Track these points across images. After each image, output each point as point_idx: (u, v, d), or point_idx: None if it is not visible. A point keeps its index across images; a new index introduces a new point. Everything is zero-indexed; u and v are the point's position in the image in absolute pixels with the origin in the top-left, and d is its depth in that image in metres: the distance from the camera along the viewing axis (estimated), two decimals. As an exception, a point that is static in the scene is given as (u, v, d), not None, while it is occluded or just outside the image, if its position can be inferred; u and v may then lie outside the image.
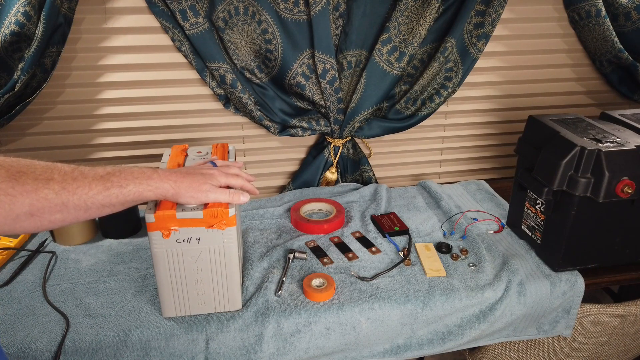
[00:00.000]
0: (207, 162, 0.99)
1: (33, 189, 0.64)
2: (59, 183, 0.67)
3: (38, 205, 0.64)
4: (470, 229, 1.27)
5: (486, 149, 1.70)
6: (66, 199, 0.68)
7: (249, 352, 0.97)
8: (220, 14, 1.28)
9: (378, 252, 1.19)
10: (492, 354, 1.23)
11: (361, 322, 1.01)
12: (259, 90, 1.40)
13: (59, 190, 0.67)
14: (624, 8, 1.44)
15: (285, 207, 1.38)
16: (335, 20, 1.34)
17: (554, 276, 1.11)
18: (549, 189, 1.05)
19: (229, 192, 0.89)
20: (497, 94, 1.61)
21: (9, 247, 1.16)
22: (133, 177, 0.77)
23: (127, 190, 0.76)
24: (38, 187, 0.64)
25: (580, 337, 1.17)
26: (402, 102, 1.47)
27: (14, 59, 1.17)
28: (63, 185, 0.68)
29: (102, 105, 1.39)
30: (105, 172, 0.75)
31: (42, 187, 0.65)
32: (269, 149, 1.55)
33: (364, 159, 1.55)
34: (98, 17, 1.29)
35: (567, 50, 1.58)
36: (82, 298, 1.03)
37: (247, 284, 1.07)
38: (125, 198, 0.76)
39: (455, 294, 1.06)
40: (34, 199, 0.63)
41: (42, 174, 0.66)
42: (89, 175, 0.73)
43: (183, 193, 0.84)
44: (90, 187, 0.71)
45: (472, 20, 1.39)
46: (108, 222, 1.23)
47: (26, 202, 0.63)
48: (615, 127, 1.14)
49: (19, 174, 0.63)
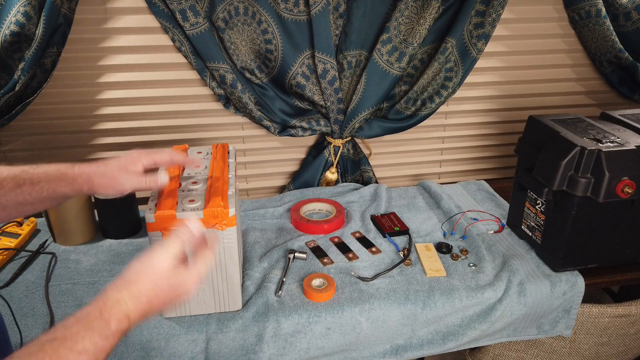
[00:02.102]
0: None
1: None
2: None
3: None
4: (470, 229, 1.27)
5: (486, 149, 1.70)
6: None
7: (249, 352, 0.97)
8: (220, 14, 1.28)
9: (378, 252, 1.19)
10: (493, 354, 1.23)
11: (361, 322, 1.01)
12: (259, 90, 1.40)
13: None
14: (624, 8, 1.44)
15: (286, 207, 1.38)
16: (335, 20, 1.34)
17: (554, 276, 1.11)
18: (549, 189, 1.05)
19: (145, 179, 0.85)
20: (497, 94, 1.61)
21: (9, 248, 1.16)
22: (46, 174, 0.78)
23: (39, 187, 0.76)
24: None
25: (581, 337, 1.17)
26: (402, 102, 1.47)
27: (14, 59, 1.17)
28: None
29: (102, 105, 1.39)
30: (20, 170, 0.76)
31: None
32: (269, 149, 1.55)
33: (364, 159, 1.55)
34: (98, 17, 1.29)
35: (567, 50, 1.58)
36: (82, 298, 1.03)
37: (247, 284, 1.07)
38: (39, 195, 0.77)
39: (456, 294, 1.06)
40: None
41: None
42: (3, 173, 0.75)
43: (97, 185, 0.81)
44: (2, 184, 0.74)
45: (472, 21, 1.39)
46: (108, 222, 1.23)
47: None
48: (616, 127, 1.14)
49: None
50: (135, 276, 0.66)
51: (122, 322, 0.61)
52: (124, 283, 0.65)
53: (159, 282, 0.67)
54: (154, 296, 0.66)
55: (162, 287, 0.67)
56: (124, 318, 0.62)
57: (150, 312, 0.66)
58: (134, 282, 0.65)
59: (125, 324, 0.62)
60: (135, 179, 0.84)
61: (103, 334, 0.59)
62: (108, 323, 0.60)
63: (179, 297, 0.69)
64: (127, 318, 0.62)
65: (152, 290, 0.66)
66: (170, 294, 0.68)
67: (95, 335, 0.59)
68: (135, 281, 0.65)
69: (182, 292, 0.69)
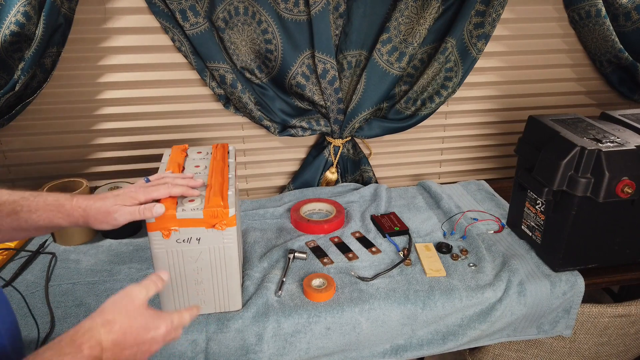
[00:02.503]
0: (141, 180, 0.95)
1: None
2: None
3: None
4: (470, 229, 1.27)
5: (486, 149, 1.70)
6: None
7: (249, 352, 0.97)
8: (220, 14, 1.28)
9: (378, 252, 1.19)
10: (492, 354, 1.23)
11: (361, 322, 1.01)
12: (259, 90, 1.40)
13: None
14: (624, 8, 1.44)
15: (286, 207, 1.38)
16: (335, 20, 1.34)
17: (554, 276, 1.11)
18: (549, 189, 1.05)
19: (138, 209, 0.84)
20: (497, 94, 1.61)
21: (9, 248, 1.16)
22: (45, 204, 0.79)
23: (36, 216, 0.78)
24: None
25: (580, 337, 1.17)
26: (402, 102, 1.47)
27: (14, 59, 1.17)
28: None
29: (102, 105, 1.39)
30: (20, 196, 0.78)
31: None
32: (269, 149, 1.55)
33: (364, 159, 1.55)
34: (98, 17, 1.29)
35: (567, 50, 1.58)
36: (82, 298, 1.03)
37: (247, 284, 1.07)
38: (35, 224, 0.78)
39: (456, 294, 1.06)
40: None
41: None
42: (2, 197, 0.76)
43: (92, 220, 0.81)
44: (0, 209, 0.75)
45: (472, 20, 1.39)
46: (108, 222, 1.23)
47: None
48: (616, 127, 1.14)
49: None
50: (110, 306, 0.67)
51: (94, 349, 0.62)
52: (99, 312, 0.66)
53: (134, 314, 0.67)
54: (128, 327, 0.66)
55: (137, 320, 0.67)
56: (95, 344, 0.62)
57: (123, 345, 0.65)
58: (108, 311, 0.66)
59: (97, 350, 0.62)
60: (129, 212, 0.83)
61: (75, 359, 0.60)
62: (80, 349, 0.60)
63: (152, 342, 0.68)
64: (99, 344, 0.62)
65: (126, 321, 0.66)
66: (144, 334, 0.67)
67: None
68: (110, 310, 0.66)
69: (155, 336, 0.68)
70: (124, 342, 0.65)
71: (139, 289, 0.69)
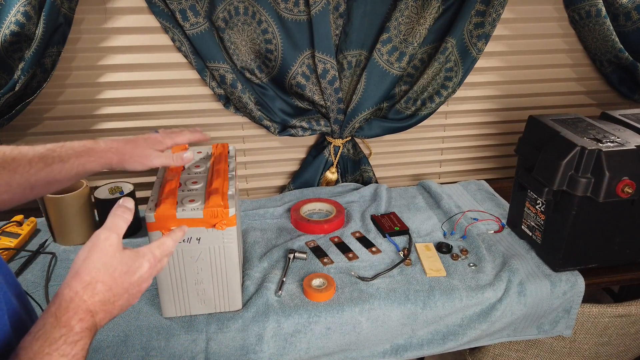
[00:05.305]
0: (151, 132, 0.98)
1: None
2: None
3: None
4: (470, 229, 1.27)
5: (486, 149, 1.70)
6: (9, 178, 0.68)
7: (249, 352, 0.97)
8: (220, 14, 1.28)
9: (378, 252, 1.19)
10: (493, 354, 1.23)
11: (361, 322, 1.01)
12: (259, 90, 1.40)
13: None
14: (624, 8, 1.44)
15: (286, 207, 1.38)
16: (335, 20, 1.34)
17: (554, 276, 1.11)
18: (549, 189, 1.05)
19: (172, 156, 0.91)
20: (497, 94, 1.61)
21: (10, 248, 1.16)
22: (74, 151, 0.78)
23: (69, 165, 0.76)
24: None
25: (581, 337, 1.17)
26: (402, 102, 1.47)
27: (14, 59, 1.17)
28: (3, 166, 0.69)
29: (102, 105, 1.39)
30: (46, 149, 0.76)
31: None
32: (269, 149, 1.55)
33: (364, 159, 1.55)
34: (98, 17, 1.29)
35: (567, 50, 1.58)
36: (82, 298, 1.03)
37: (247, 284, 1.07)
38: (69, 173, 0.76)
39: (456, 294, 1.06)
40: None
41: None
42: (29, 153, 0.74)
43: (127, 159, 0.84)
44: (31, 164, 0.72)
45: (472, 20, 1.39)
46: (108, 222, 1.22)
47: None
48: (616, 127, 1.14)
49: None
50: (84, 265, 0.58)
51: (85, 320, 0.55)
52: (74, 276, 0.57)
53: (111, 263, 0.59)
54: (111, 280, 0.59)
55: (117, 268, 0.60)
56: (84, 314, 0.55)
57: (113, 299, 0.59)
58: (84, 272, 0.57)
59: (88, 319, 0.55)
60: (165, 156, 0.88)
61: (69, 341, 0.52)
62: (70, 326, 0.53)
63: (139, 282, 0.62)
64: (87, 312, 0.55)
65: (107, 276, 0.58)
66: (130, 278, 0.61)
67: (61, 347, 0.52)
68: (85, 271, 0.58)
69: (141, 275, 0.62)
70: (112, 296, 0.59)
71: (106, 233, 0.61)
